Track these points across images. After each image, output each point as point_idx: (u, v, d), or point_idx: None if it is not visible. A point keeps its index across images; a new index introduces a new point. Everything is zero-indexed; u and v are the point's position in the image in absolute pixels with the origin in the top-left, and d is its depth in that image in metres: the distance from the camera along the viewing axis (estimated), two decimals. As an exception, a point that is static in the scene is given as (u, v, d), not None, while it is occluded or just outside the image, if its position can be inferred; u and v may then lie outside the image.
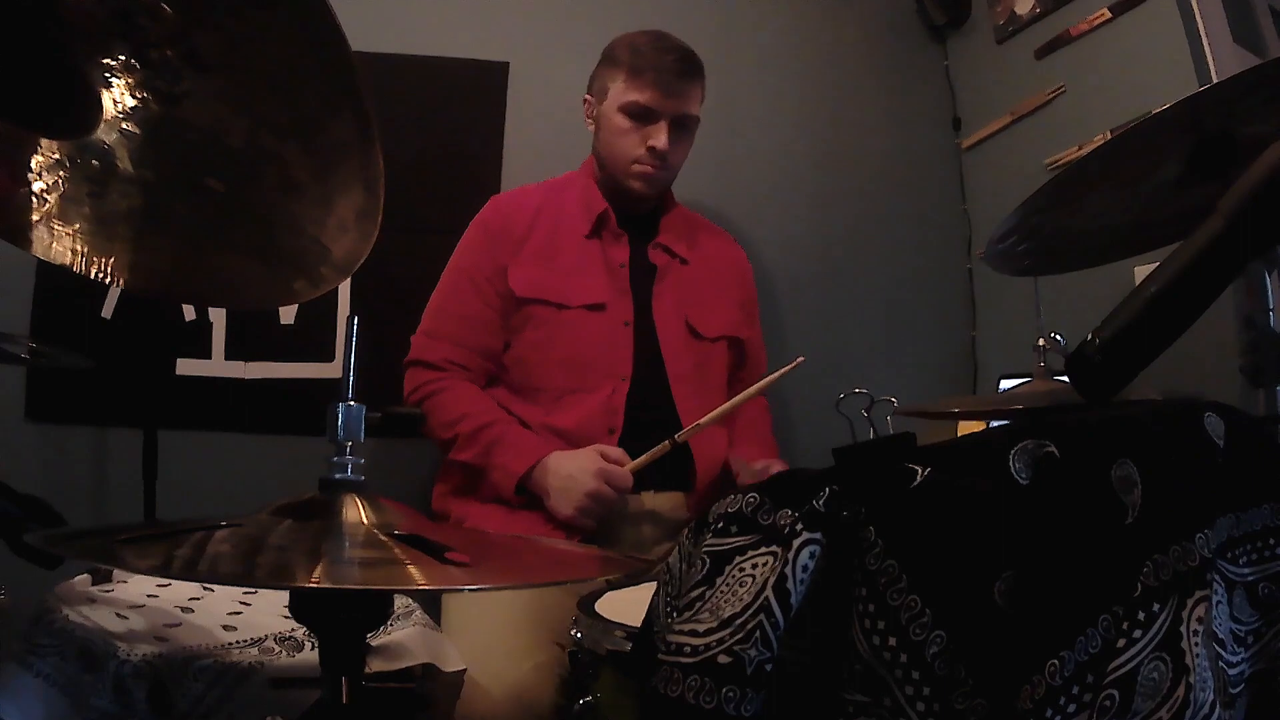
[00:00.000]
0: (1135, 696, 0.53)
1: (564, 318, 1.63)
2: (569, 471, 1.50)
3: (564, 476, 1.50)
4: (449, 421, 1.60)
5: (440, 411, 1.61)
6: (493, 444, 1.56)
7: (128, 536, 0.70)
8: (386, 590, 0.76)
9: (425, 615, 1.16)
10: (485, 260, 1.68)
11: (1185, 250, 0.60)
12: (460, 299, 1.68)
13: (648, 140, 1.66)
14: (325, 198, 0.89)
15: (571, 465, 1.51)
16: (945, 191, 2.36)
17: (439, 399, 1.63)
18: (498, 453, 1.56)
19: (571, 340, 1.63)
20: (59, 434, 1.90)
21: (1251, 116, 0.98)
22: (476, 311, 1.66)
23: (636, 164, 1.68)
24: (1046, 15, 2.03)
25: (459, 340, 1.66)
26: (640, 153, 1.67)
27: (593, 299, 1.65)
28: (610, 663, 0.89)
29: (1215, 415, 0.65)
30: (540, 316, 1.64)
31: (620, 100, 1.67)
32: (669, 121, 1.66)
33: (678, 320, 1.71)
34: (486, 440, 1.57)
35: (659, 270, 1.73)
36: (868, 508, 0.57)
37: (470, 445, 1.58)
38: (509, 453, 1.55)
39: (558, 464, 1.52)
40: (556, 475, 1.51)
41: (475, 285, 1.67)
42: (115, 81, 0.82)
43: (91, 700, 0.92)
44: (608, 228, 1.72)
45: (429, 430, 1.63)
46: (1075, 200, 1.14)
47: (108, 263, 0.94)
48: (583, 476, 1.48)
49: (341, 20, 0.74)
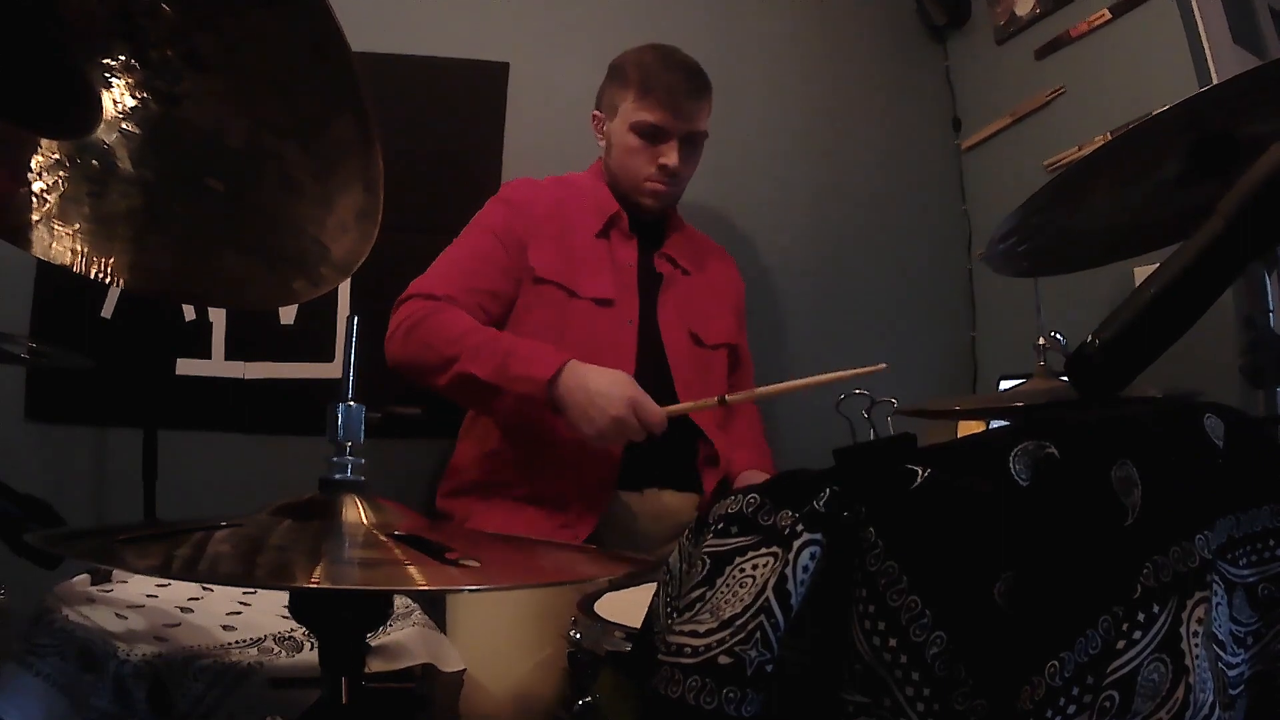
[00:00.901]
0: (1135, 697, 0.53)
1: (574, 306, 1.63)
2: (599, 388, 1.41)
3: (592, 392, 1.41)
4: (452, 338, 1.50)
5: (440, 329, 1.51)
6: (508, 355, 1.46)
7: (128, 536, 0.70)
8: (386, 590, 0.76)
9: (425, 615, 1.16)
10: (507, 228, 1.66)
11: (1185, 250, 0.60)
12: (474, 254, 1.64)
13: (659, 159, 1.68)
14: (325, 198, 0.89)
15: (602, 382, 1.42)
16: (945, 192, 2.36)
17: (435, 319, 1.53)
18: (514, 364, 1.45)
19: (579, 328, 1.62)
20: (59, 434, 1.90)
21: (1251, 117, 0.98)
22: (488, 269, 1.63)
23: (649, 182, 1.70)
24: (1046, 16, 2.03)
25: (464, 286, 1.59)
26: (651, 171, 1.69)
27: (602, 294, 1.65)
28: (610, 663, 0.89)
29: (1215, 416, 0.65)
30: (552, 299, 1.63)
31: (631, 119, 1.68)
32: (679, 139, 1.68)
33: (681, 327, 1.71)
34: (503, 351, 1.47)
35: (664, 279, 1.74)
36: (868, 508, 0.57)
37: (481, 357, 1.47)
38: (527, 361, 1.45)
39: (586, 377, 1.43)
40: (583, 389, 1.41)
41: (493, 246, 1.64)
42: (115, 81, 0.82)
43: (91, 700, 0.92)
44: (618, 229, 1.73)
45: (418, 357, 1.53)
46: (1075, 200, 1.14)
47: (108, 263, 0.94)
48: (612, 399, 1.40)
49: (341, 20, 0.74)
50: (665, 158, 1.67)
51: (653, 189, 1.71)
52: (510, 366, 1.45)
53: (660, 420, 1.43)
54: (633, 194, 1.72)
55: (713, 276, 1.84)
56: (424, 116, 2.07)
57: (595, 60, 1.80)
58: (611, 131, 1.74)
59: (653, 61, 1.69)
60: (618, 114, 1.72)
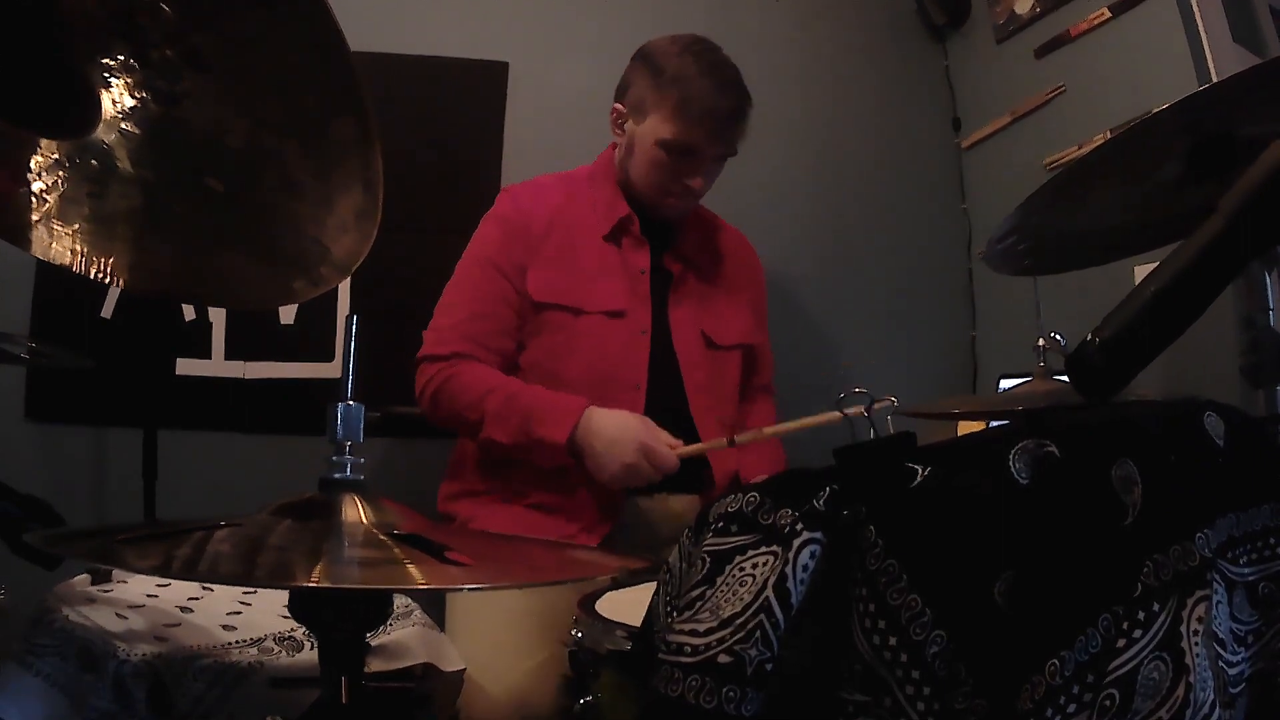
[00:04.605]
0: (1135, 696, 0.53)
1: (581, 324, 1.58)
2: (611, 436, 1.45)
3: (605, 440, 1.45)
4: (472, 402, 1.52)
5: (461, 395, 1.54)
6: (528, 417, 1.48)
7: (127, 536, 0.70)
8: (386, 590, 0.76)
9: (425, 615, 1.16)
10: (503, 256, 1.61)
11: (1185, 250, 0.60)
12: (476, 294, 1.62)
13: (684, 178, 1.58)
14: (325, 198, 0.89)
15: (614, 429, 1.46)
16: (945, 191, 2.36)
17: (455, 384, 1.55)
18: (536, 426, 1.48)
19: (589, 347, 1.58)
20: (59, 434, 1.90)
21: (1251, 116, 0.98)
22: (492, 308, 1.60)
23: (669, 197, 1.62)
24: (1046, 15, 2.03)
25: (471, 335, 1.59)
26: (675, 188, 1.60)
27: (613, 305, 1.60)
28: (611, 662, 0.89)
29: (1215, 415, 0.65)
30: (556, 322, 1.59)
31: (662, 134, 1.55)
32: (711, 159, 1.60)
33: (693, 330, 1.66)
34: (521, 412, 1.49)
35: (675, 277, 1.68)
36: (868, 507, 0.57)
37: (504, 422, 1.50)
38: (546, 422, 1.48)
39: (600, 425, 1.47)
40: (600, 438, 1.46)
41: (492, 280, 1.61)
42: (115, 81, 0.82)
43: (91, 700, 0.92)
44: (630, 233, 1.66)
45: (450, 421, 1.57)
46: (1075, 200, 1.13)
47: (108, 263, 0.94)
48: (625, 447, 1.44)
49: (341, 20, 0.74)
50: (692, 179, 1.58)
51: (673, 204, 1.63)
52: (531, 429, 1.48)
53: (672, 465, 1.46)
54: (649, 204, 1.65)
55: (729, 270, 1.76)
56: (424, 116, 2.08)
57: (595, 60, 1.80)
58: (635, 135, 1.61)
59: (697, 75, 1.54)
60: (646, 119, 1.58)
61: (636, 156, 1.62)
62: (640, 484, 1.47)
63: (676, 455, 1.46)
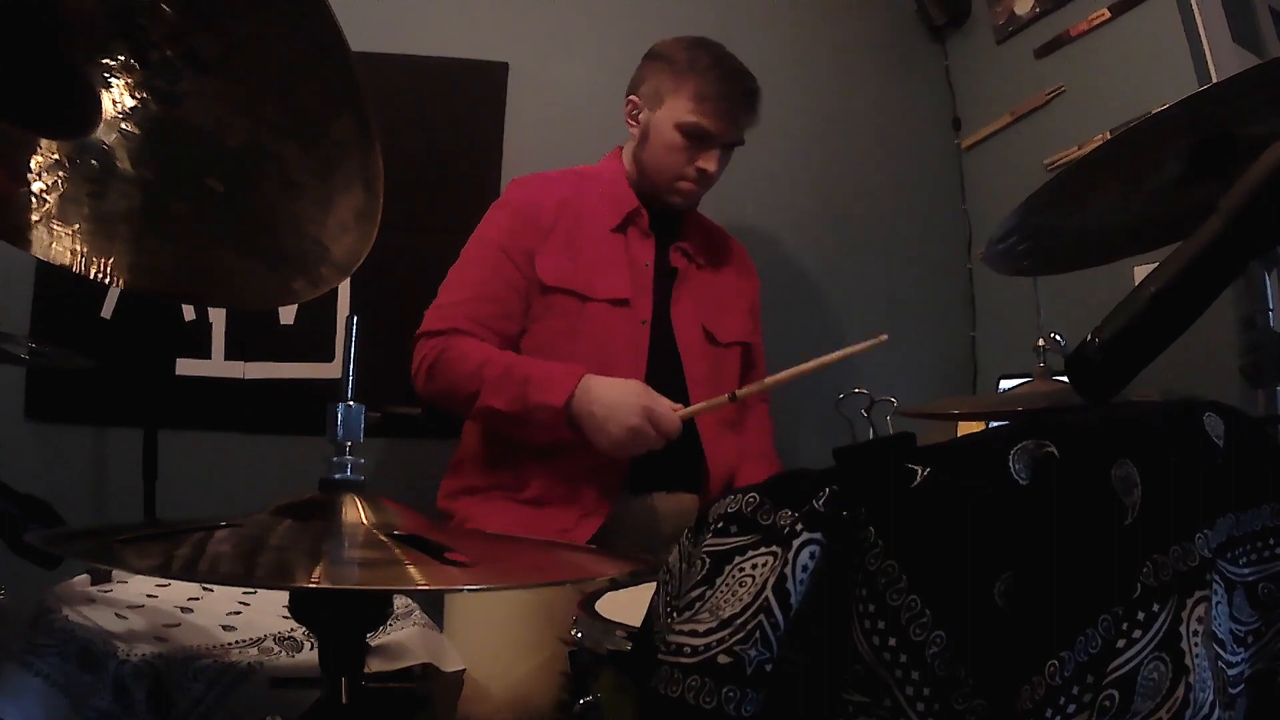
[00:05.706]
0: (1135, 697, 0.53)
1: (587, 311, 1.61)
2: (612, 400, 1.44)
3: (606, 404, 1.44)
4: (471, 372, 1.52)
5: (459, 364, 1.53)
6: (526, 383, 1.48)
7: (127, 536, 0.70)
8: (386, 590, 0.76)
9: (425, 615, 1.16)
10: (512, 240, 1.63)
11: (1185, 250, 0.60)
12: (481, 276, 1.63)
13: (698, 162, 1.65)
14: (325, 198, 0.89)
15: (614, 394, 1.45)
16: (945, 191, 2.36)
17: (453, 353, 1.55)
18: (534, 392, 1.47)
19: (592, 334, 1.60)
20: (59, 434, 1.90)
21: (1251, 116, 0.98)
22: (496, 291, 1.61)
23: (682, 181, 1.67)
24: (1046, 15, 2.03)
25: (474, 315, 1.59)
26: (689, 172, 1.65)
27: (617, 294, 1.62)
28: (611, 663, 0.88)
29: (1215, 415, 0.65)
30: (563, 307, 1.61)
31: (680, 119, 1.63)
32: (722, 146, 1.66)
33: (695, 325, 1.69)
34: (519, 380, 1.49)
35: (679, 273, 1.71)
36: (868, 508, 0.57)
37: (502, 388, 1.49)
38: (544, 388, 1.47)
39: (599, 391, 1.46)
40: (599, 403, 1.44)
41: (498, 264, 1.62)
42: (115, 81, 0.82)
43: (91, 700, 0.92)
44: (636, 226, 1.69)
45: (445, 396, 1.56)
46: (1075, 200, 1.13)
47: (108, 263, 0.94)
48: (627, 410, 1.43)
49: (341, 20, 0.74)
50: (706, 163, 1.64)
51: (685, 189, 1.68)
52: (529, 395, 1.48)
53: (676, 426, 1.45)
54: (662, 191, 1.69)
55: (729, 272, 1.81)
56: (424, 116, 2.08)
57: (595, 60, 1.80)
58: (652, 123, 1.67)
59: (710, 65, 1.64)
60: (663, 106, 1.66)
61: (652, 142, 1.68)
62: (642, 450, 1.45)
63: (679, 417, 1.46)
